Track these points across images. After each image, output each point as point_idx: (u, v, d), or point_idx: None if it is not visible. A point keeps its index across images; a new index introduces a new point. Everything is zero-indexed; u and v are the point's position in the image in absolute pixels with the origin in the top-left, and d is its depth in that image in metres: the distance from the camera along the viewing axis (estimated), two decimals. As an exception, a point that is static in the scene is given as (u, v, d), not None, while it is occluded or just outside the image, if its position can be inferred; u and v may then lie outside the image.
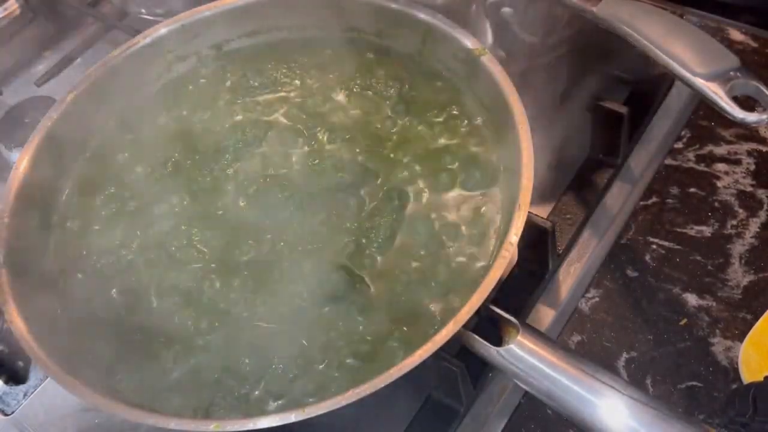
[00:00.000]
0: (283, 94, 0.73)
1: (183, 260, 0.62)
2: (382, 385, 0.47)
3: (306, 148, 0.68)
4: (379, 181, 0.64)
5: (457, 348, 0.57)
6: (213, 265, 0.61)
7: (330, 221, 0.62)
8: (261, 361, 0.56)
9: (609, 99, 0.74)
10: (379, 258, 0.60)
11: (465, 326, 0.50)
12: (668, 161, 0.77)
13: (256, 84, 0.73)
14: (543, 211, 0.73)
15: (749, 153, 0.77)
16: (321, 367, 0.55)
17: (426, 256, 0.60)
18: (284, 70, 0.74)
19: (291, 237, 0.62)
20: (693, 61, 0.54)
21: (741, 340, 0.63)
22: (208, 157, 0.68)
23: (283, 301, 0.59)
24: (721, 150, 0.77)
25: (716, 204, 0.73)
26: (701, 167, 0.76)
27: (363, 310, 0.57)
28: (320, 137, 0.68)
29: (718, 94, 0.53)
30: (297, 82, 0.73)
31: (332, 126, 0.69)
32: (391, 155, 0.66)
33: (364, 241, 0.61)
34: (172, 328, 0.58)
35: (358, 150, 0.66)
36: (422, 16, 0.68)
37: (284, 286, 0.59)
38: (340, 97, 0.71)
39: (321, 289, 0.58)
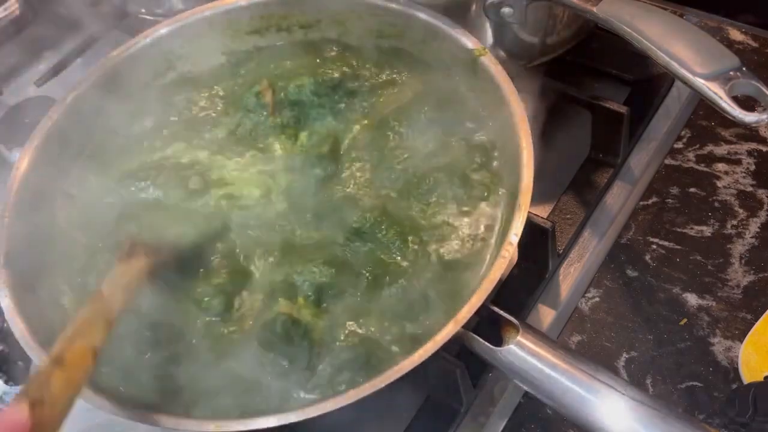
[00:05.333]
0: (283, 93, 0.72)
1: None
2: (382, 385, 0.48)
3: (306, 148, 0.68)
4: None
5: (457, 348, 0.57)
6: (214, 264, 0.61)
7: (329, 219, 0.62)
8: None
9: (609, 99, 0.74)
10: (377, 256, 0.60)
11: (465, 326, 0.50)
12: (668, 161, 0.77)
13: (256, 83, 0.73)
14: (543, 211, 0.73)
15: (749, 153, 0.77)
16: (321, 366, 0.55)
17: (426, 255, 0.60)
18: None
19: (288, 234, 0.62)
20: (693, 61, 0.54)
21: (741, 340, 0.63)
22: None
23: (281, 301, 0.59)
24: (721, 150, 0.77)
25: (716, 204, 0.73)
26: (701, 167, 0.76)
27: (363, 310, 0.57)
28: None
29: (718, 94, 0.53)
30: (297, 82, 0.73)
31: (332, 125, 0.69)
32: (392, 153, 0.66)
33: (362, 236, 0.61)
34: (172, 329, 0.58)
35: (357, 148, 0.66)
36: (422, 16, 0.68)
37: (283, 286, 0.59)
38: (340, 96, 0.71)
39: (320, 289, 0.58)
